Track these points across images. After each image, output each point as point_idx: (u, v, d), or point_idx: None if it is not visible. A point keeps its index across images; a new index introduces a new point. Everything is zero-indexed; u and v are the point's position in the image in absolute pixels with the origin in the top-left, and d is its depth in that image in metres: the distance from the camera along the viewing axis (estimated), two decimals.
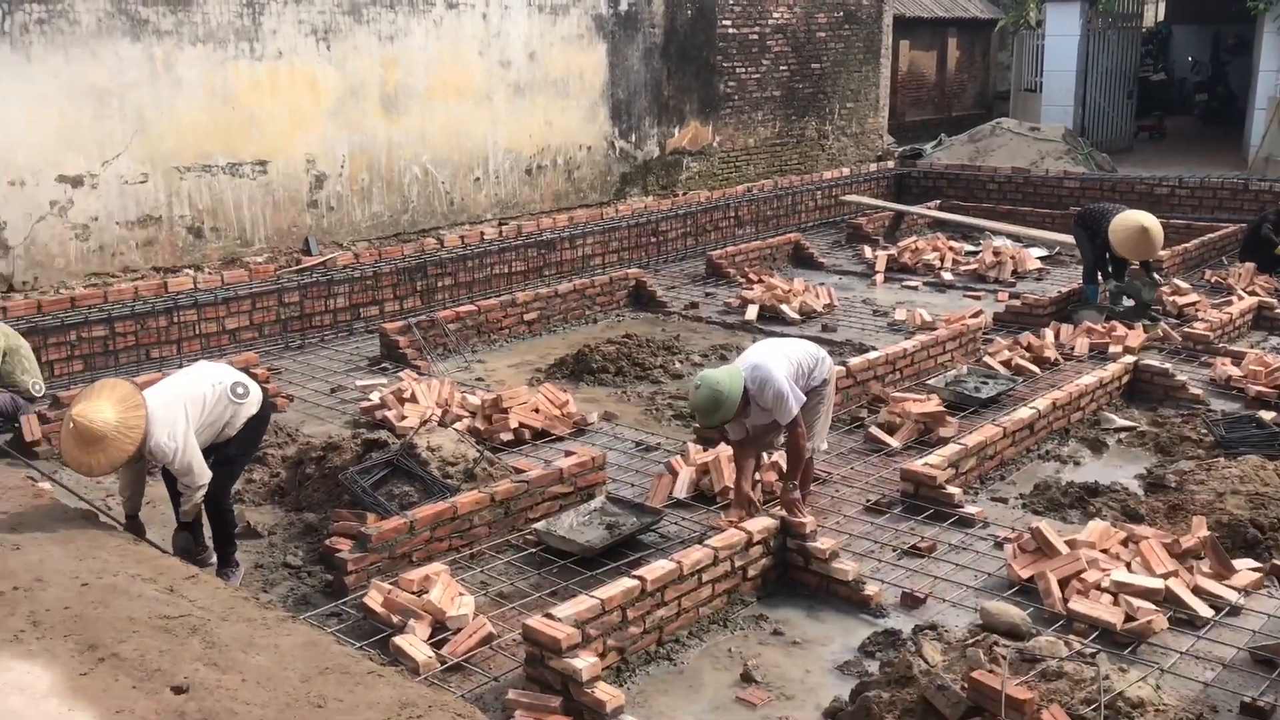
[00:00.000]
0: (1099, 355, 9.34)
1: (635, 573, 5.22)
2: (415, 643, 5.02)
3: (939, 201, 16.20)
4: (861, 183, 16.63)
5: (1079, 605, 5.31)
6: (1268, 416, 7.72)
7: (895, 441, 7.58)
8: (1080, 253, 11.31)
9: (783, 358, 6.12)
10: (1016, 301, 10.91)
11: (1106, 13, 20.32)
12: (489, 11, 12.49)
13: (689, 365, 9.47)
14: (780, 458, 6.70)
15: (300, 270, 10.52)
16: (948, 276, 12.74)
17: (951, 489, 6.56)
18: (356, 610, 5.42)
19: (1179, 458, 7.36)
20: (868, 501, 6.72)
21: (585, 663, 4.54)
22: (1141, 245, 10.21)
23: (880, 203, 16.07)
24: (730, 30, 15.48)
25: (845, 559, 5.74)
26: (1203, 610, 5.37)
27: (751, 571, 5.65)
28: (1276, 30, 17.39)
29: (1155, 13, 27.77)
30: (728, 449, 6.69)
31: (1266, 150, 17.21)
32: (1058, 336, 9.77)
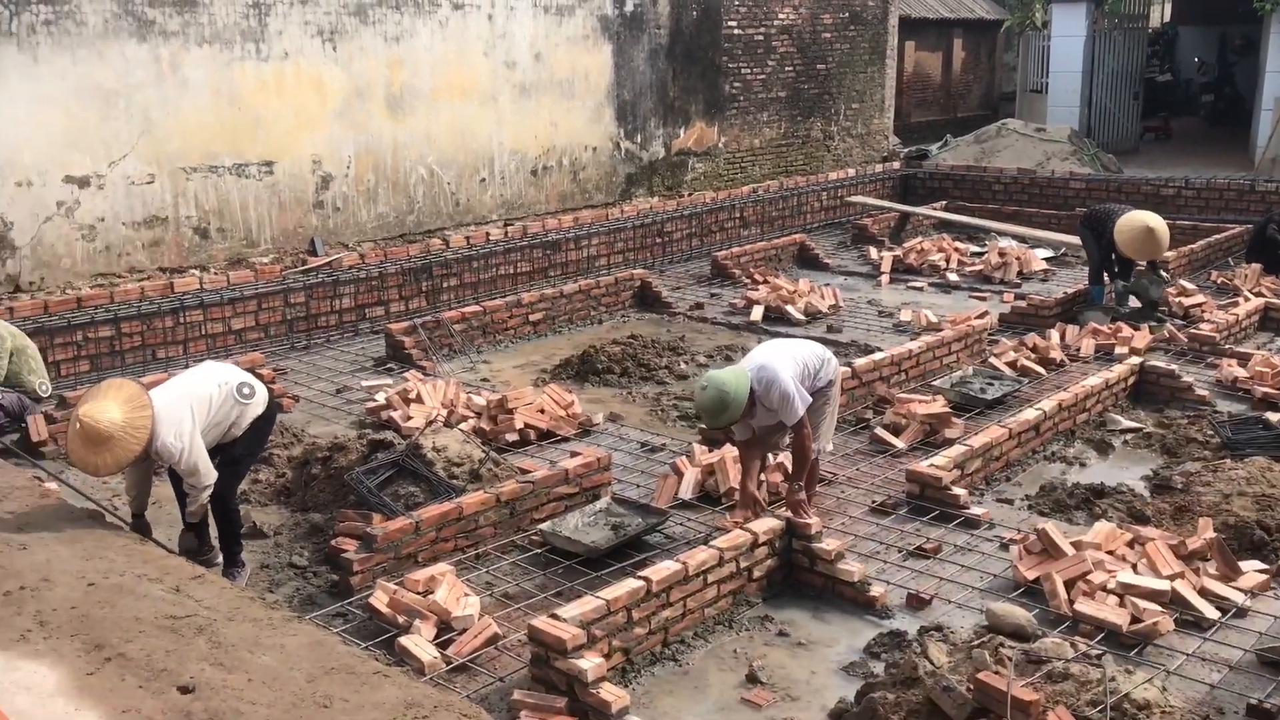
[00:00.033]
0: (1105, 356, 9.32)
1: (640, 573, 5.22)
2: (421, 643, 5.02)
3: (944, 202, 16.17)
4: (867, 183, 16.61)
5: (1085, 607, 5.30)
6: (1274, 418, 7.68)
7: (901, 443, 7.57)
8: (1086, 254, 11.30)
9: (789, 358, 6.12)
10: (1022, 303, 10.87)
11: (1113, 13, 20.27)
12: (494, 12, 12.51)
13: (694, 366, 9.47)
14: (786, 458, 6.69)
15: (306, 271, 10.54)
16: (953, 277, 12.71)
17: (957, 490, 6.55)
18: (362, 610, 5.43)
19: (1185, 459, 7.34)
20: (873, 503, 6.71)
21: (590, 663, 4.54)
22: (1147, 245, 10.20)
23: (886, 204, 16.05)
24: (735, 31, 15.48)
25: (850, 560, 5.74)
26: (1209, 612, 5.35)
27: (757, 572, 5.64)
28: None
29: (1161, 13, 27.70)
30: (733, 450, 6.69)
31: (1273, 151, 17.15)
32: (1063, 338, 9.74)
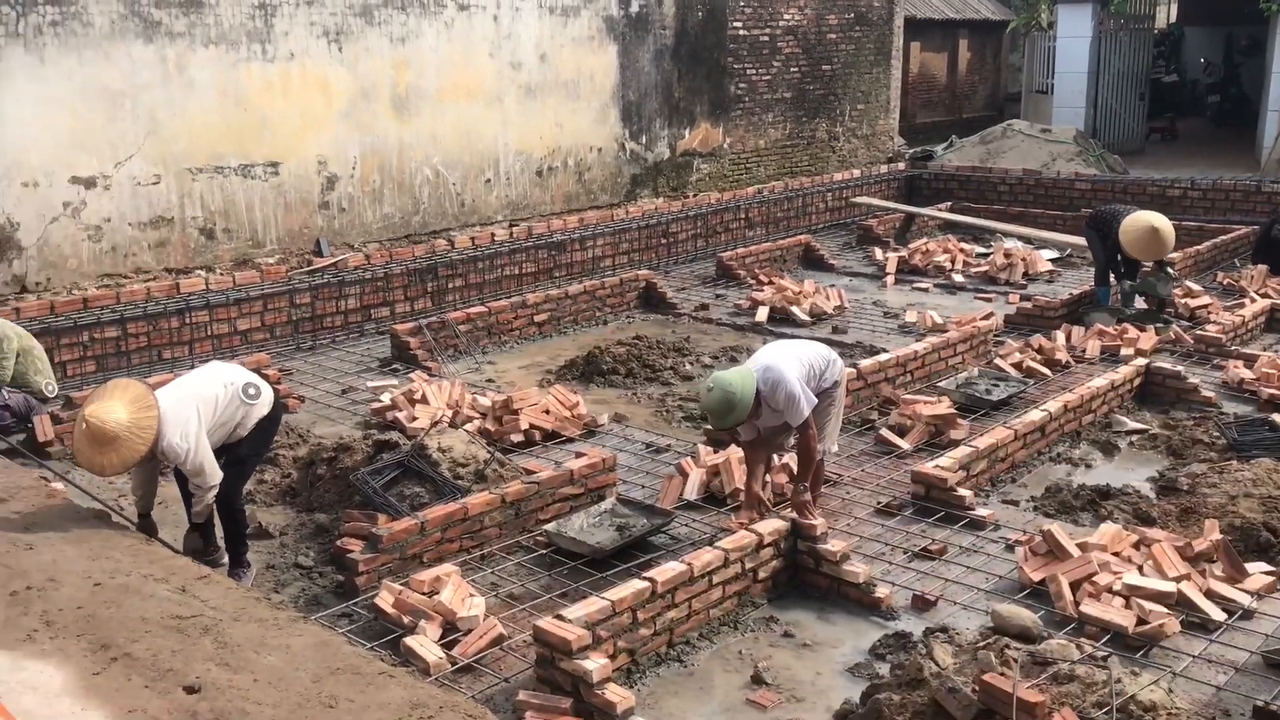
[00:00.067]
0: (1111, 358, 9.31)
1: (646, 574, 5.22)
2: (426, 643, 5.02)
3: (950, 203, 16.15)
4: (872, 184, 16.60)
5: (1090, 608, 5.29)
6: None
7: (906, 444, 7.57)
8: (1091, 255, 11.28)
9: (794, 359, 6.12)
10: (1028, 304, 10.86)
11: (1118, 14, 20.25)
12: (500, 13, 12.51)
13: (699, 367, 9.47)
14: (791, 459, 6.69)
15: (312, 271, 10.55)
16: (958, 278, 12.70)
17: (962, 491, 6.55)
18: (367, 611, 5.43)
19: (1191, 461, 7.33)
20: (878, 504, 6.71)
21: (596, 664, 4.54)
22: (1152, 246, 10.18)
23: (891, 204, 16.04)
24: (741, 32, 15.47)
25: (856, 561, 5.74)
26: (1215, 614, 5.35)
27: (762, 573, 5.64)
28: None
29: (1167, 14, 27.67)
30: (738, 451, 6.69)
31: (1279, 152, 17.12)
32: (1069, 339, 9.74)
